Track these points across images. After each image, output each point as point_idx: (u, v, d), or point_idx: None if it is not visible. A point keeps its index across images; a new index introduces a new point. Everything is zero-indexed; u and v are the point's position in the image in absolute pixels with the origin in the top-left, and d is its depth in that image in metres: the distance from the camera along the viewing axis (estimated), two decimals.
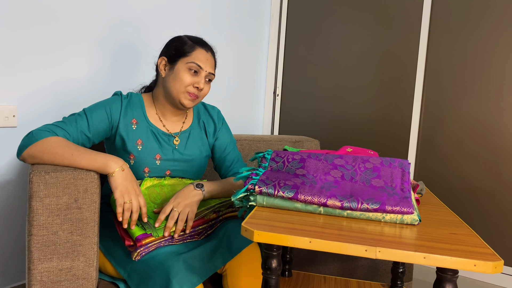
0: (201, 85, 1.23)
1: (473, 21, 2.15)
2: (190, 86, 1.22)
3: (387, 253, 0.68)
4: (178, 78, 1.22)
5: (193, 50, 1.24)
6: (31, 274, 0.97)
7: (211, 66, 1.26)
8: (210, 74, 1.26)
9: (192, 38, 1.28)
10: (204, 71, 1.24)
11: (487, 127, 2.13)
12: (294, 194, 0.85)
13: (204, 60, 1.24)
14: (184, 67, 1.22)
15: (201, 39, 1.30)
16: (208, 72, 1.25)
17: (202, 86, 1.23)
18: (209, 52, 1.27)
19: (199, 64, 1.22)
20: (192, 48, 1.24)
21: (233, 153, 1.38)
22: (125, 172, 1.07)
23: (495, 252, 0.68)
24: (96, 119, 1.19)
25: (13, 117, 1.47)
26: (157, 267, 1.01)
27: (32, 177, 0.96)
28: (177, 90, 1.22)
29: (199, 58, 1.23)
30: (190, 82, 1.22)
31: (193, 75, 1.23)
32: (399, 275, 1.22)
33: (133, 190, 1.07)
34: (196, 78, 1.23)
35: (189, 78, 1.22)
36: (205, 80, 1.26)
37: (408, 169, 0.92)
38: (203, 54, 1.24)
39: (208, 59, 1.25)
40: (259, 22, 2.73)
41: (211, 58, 1.27)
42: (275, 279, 0.80)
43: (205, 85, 1.25)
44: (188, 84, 1.22)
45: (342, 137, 2.60)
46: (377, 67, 2.46)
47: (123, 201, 1.05)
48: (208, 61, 1.25)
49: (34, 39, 1.51)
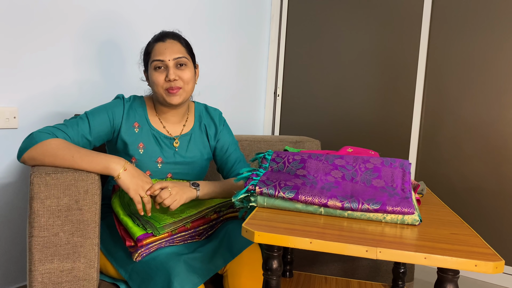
0: (171, 76, 1.19)
1: (474, 21, 2.15)
2: (164, 84, 1.21)
3: (388, 254, 0.68)
4: (152, 82, 1.22)
5: (152, 48, 1.23)
6: (32, 276, 0.97)
7: (172, 52, 1.21)
8: (177, 59, 1.21)
9: (154, 37, 1.26)
10: (167, 60, 1.20)
11: (487, 127, 2.12)
12: (295, 195, 0.85)
13: (163, 51, 1.21)
14: (151, 70, 1.22)
15: (161, 32, 1.27)
16: (173, 59, 1.21)
17: (173, 77, 1.19)
18: (167, 40, 1.23)
19: (158, 59, 1.20)
20: (151, 48, 1.23)
21: (235, 154, 1.38)
22: (129, 170, 1.07)
23: (496, 252, 0.68)
24: (98, 123, 1.19)
25: (14, 119, 1.47)
26: (158, 267, 1.01)
27: (33, 179, 0.96)
28: (158, 93, 1.22)
29: (157, 53, 1.21)
30: (161, 80, 1.20)
31: (161, 72, 1.21)
32: (400, 275, 1.22)
33: (144, 183, 1.08)
34: (165, 73, 1.21)
35: (158, 76, 1.21)
36: (176, 68, 1.22)
37: (408, 169, 0.92)
38: (160, 47, 1.22)
39: (167, 47, 1.21)
40: (260, 22, 2.73)
41: (172, 44, 1.23)
42: (276, 279, 0.80)
43: (178, 73, 1.21)
44: (161, 83, 1.21)
45: (343, 137, 2.60)
46: (377, 67, 2.46)
47: (140, 197, 1.06)
48: (168, 49, 1.21)
49: (35, 40, 1.51)
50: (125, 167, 1.07)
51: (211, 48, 2.35)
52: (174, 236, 1.10)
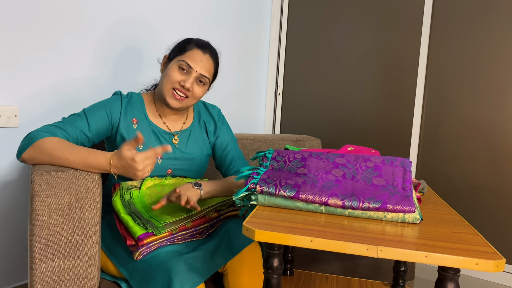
0: (188, 84, 1.20)
1: (475, 20, 2.15)
2: (176, 84, 1.21)
3: (388, 252, 0.68)
4: (167, 74, 1.22)
5: (190, 49, 1.23)
6: (33, 274, 0.97)
7: (203, 68, 1.23)
8: (202, 76, 1.23)
9: (198, 40, 1.27)
10: (195, 71, 1.21)
11: (488, 126, 2.12)
12: (296, 193, 0.85)
13: (197, 61, 1.22)
14: (175, 65, 1.22)
15: (206, 42, 1.28)
16: (199, 73, 1.22)
17: (189, 86, 1.20)
18: (206, 54, 1.25)
19: (188, 63, 1.21)
20: (190, 48, 1.23)
21: (234, 151, 1.38)
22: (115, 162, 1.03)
23: (497, 251, 0.68)
24: (96, 119, 1.19)
25: (14, 117, 1.48)
26: (158, 266, 1.01)
27: (34, 177, 0.96)
28: (165, 87, 1.22)
29: (191, 57, 1.22)
30: (177, 79, 1.21)
31: (181, 73, 1.21)
32: (401, 273, 1.22)
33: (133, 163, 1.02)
34: (184, 77, 1.21)
35: (177, 75, 1.21)
36: (196, 81, 1.23)
37: (409, 168, 0.92)
38: (198, 55, 1.23)
39: (202, 60, 1.23)
40: (260, 21, 2.73)
41: (207, 60, 1.24)
42: (277, 278, 0.80)
43: (194, 86, 1.23)
44: (175, 81, 1.21)
45: (344, 136, 2.60)
46: (378, 65, 2.45)
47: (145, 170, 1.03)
48: (201, 62, 1.22)
49: (36, 39, 1.51)
50: (111, 160, 1.04)
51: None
52: (175, 235, 1.10)
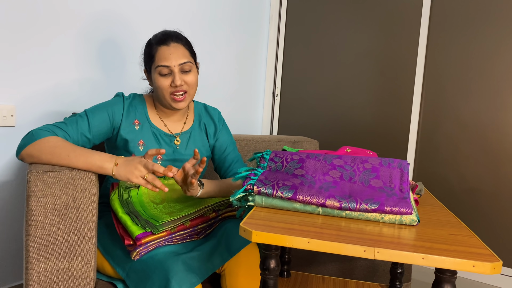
0: (178, 82, 1.19)
1: (472, 22, 2.15)
2: (169, 89, 1.21)
3: (385, 254, 0.67)
4: (156, 86, 1.22)
5: (156, 52, 1.21)
6: (29, 274, 0.97)
7: (178, 57, 1.20)
8: (182, 64, 1.21)
9: (156, 37, 1.24)
10: (173, 66, 1.20)
11: (486, 128, 2.13)
12: (293, 195, 0.85)
13: (167, 56, 1.20)
14: (156, 74, 1.21)
15: (163, 34, 1.24)
16: (178, 65, 1.20)
17: (180, 82, 1.19)
18: (171, 44, 1.21)
19: (163, 65, 1.19)
20: (155, 51, 1.22)
21: (233, 154, 1.39)
22: (120, 165, 1.05)
23: (494, 253, 0.68)
24: (98, 121, 1.18)
25: (11, 117, 1.47)
26: (156, 267, 1.00)
27: (30, 177, 0.95)
28: (163, 96, 1.22)
29: (162, 58, 1.20)
30: (167, 85, 1.20)
31: (166, 78, 1.20)
32: (398, 275, 1.22)
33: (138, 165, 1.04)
34: (170, 78, 1.20)
35: (164, 82, 1.20)
36: (182, 73, 1.21)
37: (407, 170, 0.92)
38: (165, 51, 1.20)
39: (172, 52, 1.20)
40: (259, 22, 2.73)
41: (175, 48, 1.21)
42: (274, 279, 0.80)
43: (184, 77, 1.21)
44: (166, 88, 1.20)
45: (341, 137, 2.60)
46: (376, 67, 2.46)
47: (142, 179, 1.04)
48: (173, 55, 1.20)
49: (34, 38, 1.51)
50: (117, 162, 1.05)
51: (210, 48, 2.35)
52: (173, 235, 1.10)
